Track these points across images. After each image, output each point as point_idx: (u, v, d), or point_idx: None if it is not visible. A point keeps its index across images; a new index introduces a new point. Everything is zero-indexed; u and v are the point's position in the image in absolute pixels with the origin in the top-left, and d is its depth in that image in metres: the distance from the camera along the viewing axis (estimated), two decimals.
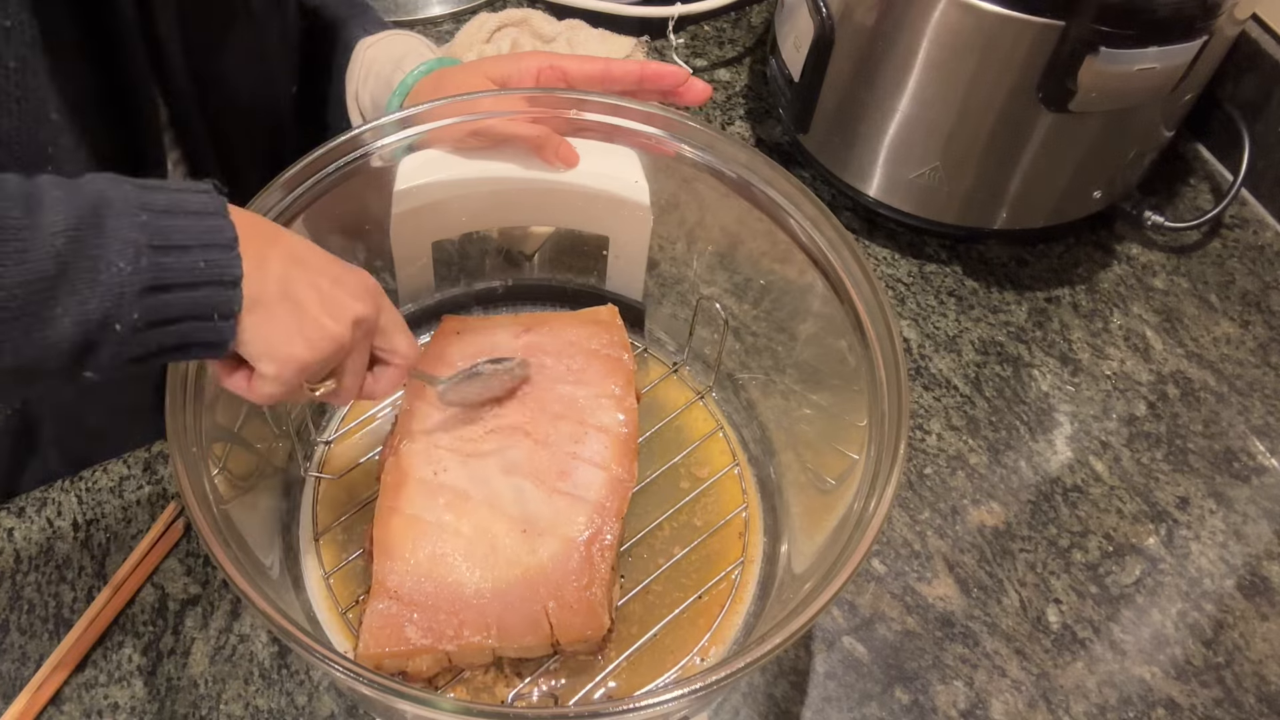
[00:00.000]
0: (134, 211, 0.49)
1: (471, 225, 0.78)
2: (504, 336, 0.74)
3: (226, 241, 0.50)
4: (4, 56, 0.58)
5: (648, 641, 0.67)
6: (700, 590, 0.69)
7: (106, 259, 0.47)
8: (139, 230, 0.48)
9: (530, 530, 0.65)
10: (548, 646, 0.64)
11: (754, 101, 1.05)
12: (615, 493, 0.67)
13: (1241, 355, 0.91)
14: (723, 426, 0.77)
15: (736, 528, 0.73)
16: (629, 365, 0.73)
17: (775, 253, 0.71)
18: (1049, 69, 0.79)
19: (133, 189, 0.50)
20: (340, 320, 0.54)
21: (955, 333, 0.91)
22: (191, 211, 0.50)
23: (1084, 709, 0.72)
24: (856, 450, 0.62)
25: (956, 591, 0.77)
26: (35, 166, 0.62)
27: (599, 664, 0.66)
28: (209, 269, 0.50)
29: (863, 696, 0.72)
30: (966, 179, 0.89)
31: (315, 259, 0.56)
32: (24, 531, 0.75)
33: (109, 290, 0.47)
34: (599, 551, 0.65)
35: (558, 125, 0.71)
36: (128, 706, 0.68)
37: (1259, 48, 0.96)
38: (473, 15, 1.04)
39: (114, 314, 0.47)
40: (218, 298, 0.50)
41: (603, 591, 0.64)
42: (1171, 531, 0.81)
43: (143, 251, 0.48)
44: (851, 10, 0.85)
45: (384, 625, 0.62)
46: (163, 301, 0.49)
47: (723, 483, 0.75)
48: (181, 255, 0.49)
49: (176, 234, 0.49)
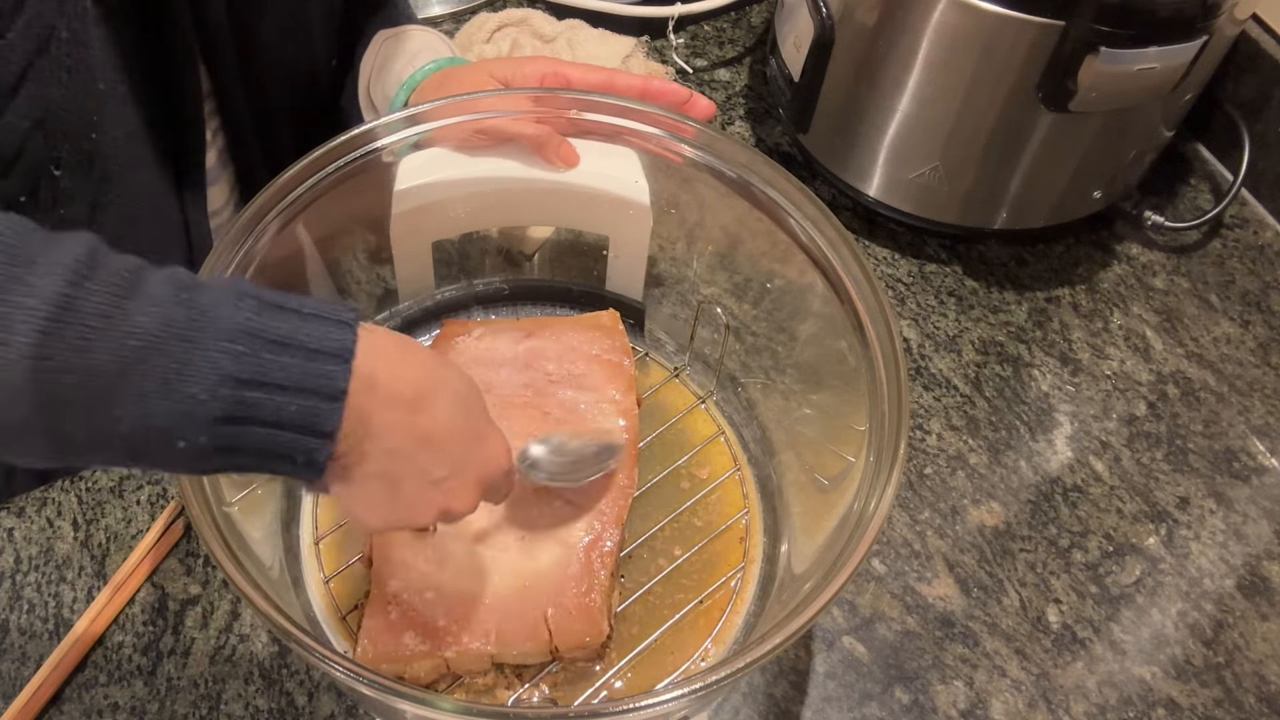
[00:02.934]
0: (234, 338, 0.44)
1: (471, 225, 0.78)
2: (505, 341, 0.74)
3: (331, 391, 0.46)
4: (58, 28, 0.58)
5: (649, 645, 0.67)
6: (701, 595, 0.69)
7: (185, 377, 0.43)
8: (231, 360, 0.44)
9: (529, 537, 0.65)
10: (546, 653, 0.64)
11: (754, 101, 1.05)
12: (616, 499, 0.67)
13: (1241, 355, 0.91)
14: (724, 431, 0.77)
15: (738, 532, 0.73)
16: (630, 370, 0.73)
17: (775, 253, 0.71)
18: (1049, 69, 0.79)
19: (250, 309, 0.45)
20: (424, 515, 0.52)
21: (955, 333, 0.91)
22: (306, 348, 0.46)
23: (1084, 709, 0.72)
24: (856, 450, 0.62)
25: (956, 591, 0.77)
26: (80, 136, 0.63)
27: (599, 669, 0.66)
28: (300, 414, 0.45)
29: (863, 696, 0.72)
30: (966, 179, 0.89)
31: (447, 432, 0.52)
32: (24, 531, 0.75)
33: (176, 407, 0.43)
34: (598, 558, 0.65)
35: (558, 125, 0.71)
36: (128, 706, 0.68)
37: (1259, 48, 0.96)
38: (473, 15, 1.04)
39: (178, 431, 0.44)
40: (303, 444, 0.46)
41: (602, 598, 0.64)
42: (1171, 531, 0.81)
43: (226, 382, 0.44)
44: (851, 10, 0.85)
45: (383, 631, 0.62)
46: (239, 432, 0.45)
47: (724, 486, 0.75)
48: (274, 394, 0.45)
49: (276, 372, 0.45)
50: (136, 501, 0.76)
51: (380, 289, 0.78)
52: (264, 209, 0.64)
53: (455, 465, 0.53)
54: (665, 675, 0.67)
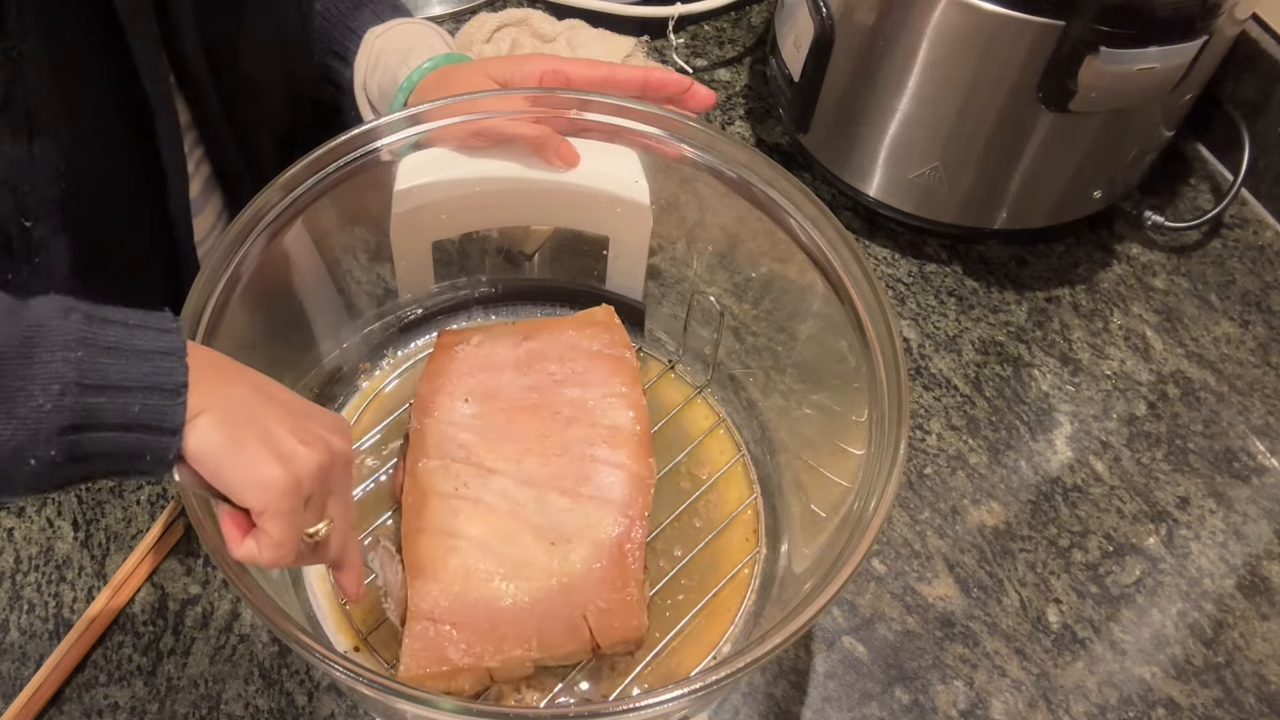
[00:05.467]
0: (70, 346, 0.46)
1: (471, 225, 0.78)
2: (504, 346, 0.74)
3: (172, 386, 0.48)
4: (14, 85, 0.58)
5: (675, 638, 0.68)
6: (719, 584, 0.70)
7: (28, 391, 0.45)
8: (70, 367, 0.46)
9: (559, 540, 0.65)
10: (588, 651, 0.64)
11: (754, 101, 1.05)
12: (638, 490, 0.68)
13: (1241, 355, 0.91)
14: (724, 420, 0.77)
15: (748, 519, 0.73)
16: (632, 362, 0.74)
17: (775, 253, 0.70)
18: (1049, 69, 0.79)
19: (79, 321, 0.47)
20: (313, 447, 0.52)
21: (955, 333, 0.91)
22: (140, 350, 0.48)
23: (1084, 709, 0.72)
24: (857, 450, 0.62)
25: (956, 591, 0.77)
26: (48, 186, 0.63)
27: (622, 667, 0.66)
28: (144, 413, 0.47)
29: (863, 696, 0.72)
30: (966, 179, 0.89)
31: (283, 395, 0.54)
32: (24, 531, 0.75)
33: (23, 424, 0.45)
34: (630, 551, 0.65)
35: (559, 125, 0.71)
36: (128, 706, 0.68)
37: (1259, 48, 0.96)
38: (473, 15, 1.04)
39: (28, 448, 0.45)
40: (151, 443, 0.47)
41: (638, 591, 0.64)
42: (1171, 531, 0.81)
43: (69, 390, 0.45)
44: (851, 10, 0.85)
45: (424, 647, 0.61)
46: (88, 439, 0.46)
47: (729, 476, 0.75)
48: (116, 396, 0.46)
49: (115, 373, 0.47)
50: (136, 501, 0.76)
51: (380, 289, 0.78)
52: (263, 209, 0.64)
53: (301, 410, 0.53)
54: (693, 668, 0.67)
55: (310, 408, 0.55)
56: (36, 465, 0.45)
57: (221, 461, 0.49)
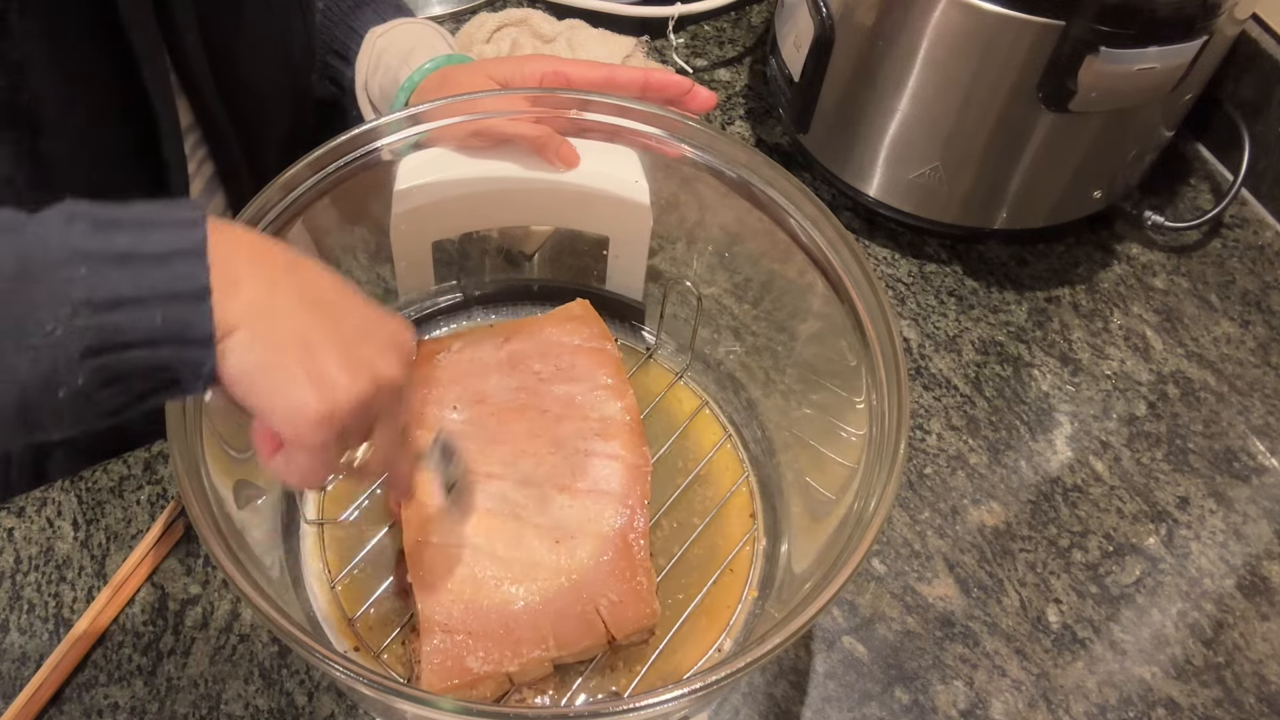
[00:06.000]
0: (72, 262, 0.42)
1: (471, 225, 0.78)
2: (486, 350, 0.74)
3: (193, 290, 0.43)
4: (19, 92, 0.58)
5: (682, 626, 0.68)
6: (722, 564, 0.70)
7: (36, 317, 0.41)
8: (77, 286, 0.41)
9: (563, 537, 0.65)
10: (604, 644, 0.64)
11: (754, 101, 1.05)
12: (635, 479, 0.68)
13: (1241, 355, 0.91)
14: (708, 403, 0.78)
15: (743, 498, 0.74)
16: (615, 353, 0.74)
17: (775, 253, 0.70)
18: (1049, 69, 0.79)
19: (84, 230, 0.43)
20: (358, 375, 0.47)
21: (955, 333, 0.91)
22: (154, 255, 0.43)
23: (1084, 709, 0.72)
24: (856, 450, 0.62)
25: (956, 591, 0.77)
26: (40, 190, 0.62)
27: (637, 655, 0.67)
28: (169, 324, 0.43)
29: (863, 696, 0.72)
30: (966, 179, 0.89)
31: (337, 299, 0.49)
32: (24, 531, 0.75)
33: (40, 353, 0.41)
34: (635, 540, 0.65)
35: (559, 125, 0.71)
36: (128, 706, 0.68)
37: (1259, 48, 0.96)
38: (473, 15, 1.04)
39: (53, 377, 0.41)
40: (184, 355, 0.43)
41: (647, 579, 0.64)
42: (1171, 531, 0.81)
43: (79, 310, 0.41)
44: (851, 10, 0.85)
45: (443, 660, 0.61)
46: (115, 360, 0.42)
47: (720, 457, 0.75)
48: (134, 310, 0.42)
49: (126, 286, 0.42)
50: (136, 501, 0.76)
51: (380, 289, 0.78)
52: (263, 209, 0.64)
53: (355, 321, 0.49)
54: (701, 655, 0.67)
55: (365, 319, 0.50)
56: (67, 395, 0.42)
57: (254, 382, 0.45)
